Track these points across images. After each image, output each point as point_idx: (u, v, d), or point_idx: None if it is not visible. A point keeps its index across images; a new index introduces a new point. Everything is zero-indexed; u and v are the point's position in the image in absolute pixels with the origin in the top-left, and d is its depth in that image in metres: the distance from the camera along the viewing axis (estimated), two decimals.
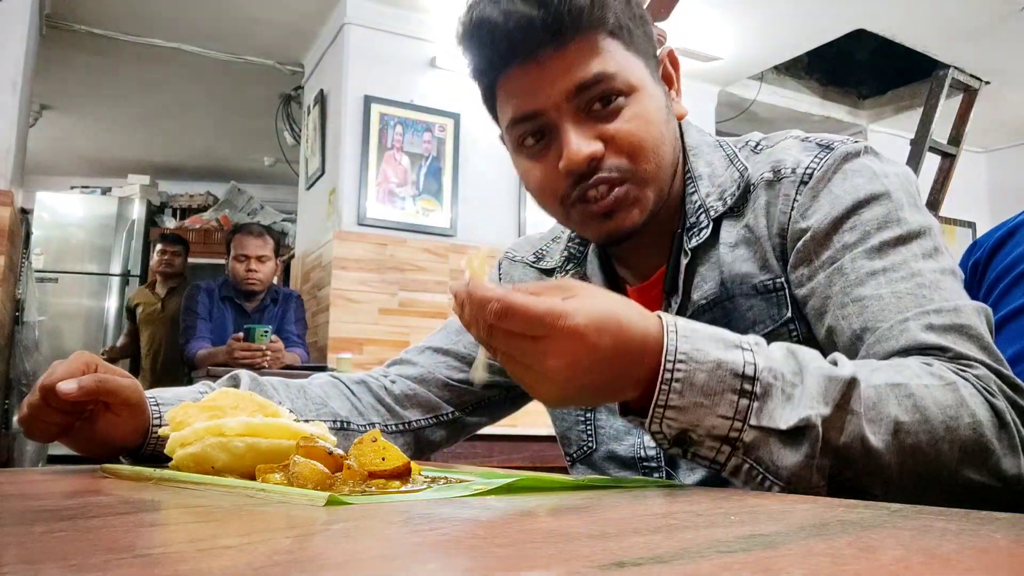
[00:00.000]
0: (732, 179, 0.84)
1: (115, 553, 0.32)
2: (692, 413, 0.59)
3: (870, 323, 0.70)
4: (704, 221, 0.84)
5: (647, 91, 0.81)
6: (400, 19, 3.83)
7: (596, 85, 0.77)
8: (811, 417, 0.58)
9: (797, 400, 0.59)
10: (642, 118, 0.79)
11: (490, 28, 0.77)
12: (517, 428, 2.53)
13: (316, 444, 0.62)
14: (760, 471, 0.60)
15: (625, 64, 0.79)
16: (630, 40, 0.81)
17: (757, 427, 0.59)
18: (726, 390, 0.59)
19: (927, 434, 0.60)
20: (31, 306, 4.44)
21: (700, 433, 0.59)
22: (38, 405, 0.78)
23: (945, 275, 0.72)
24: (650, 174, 0.81)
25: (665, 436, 0.60)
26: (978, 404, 0.62)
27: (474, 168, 3.84)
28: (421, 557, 0.32)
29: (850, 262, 0.73)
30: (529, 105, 0.79)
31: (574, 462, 0.97)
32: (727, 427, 0.59)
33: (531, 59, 0.77)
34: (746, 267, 0.81)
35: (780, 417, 0.59)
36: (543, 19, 0.75)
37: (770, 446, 0.59)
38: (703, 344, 0.60)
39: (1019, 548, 0.33)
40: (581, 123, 0.79)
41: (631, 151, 0.79)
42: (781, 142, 0.85)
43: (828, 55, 4.53)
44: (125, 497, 0.56)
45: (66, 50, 4.30)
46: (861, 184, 0.76)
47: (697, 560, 0.30)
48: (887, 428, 0.60)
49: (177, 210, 6.28)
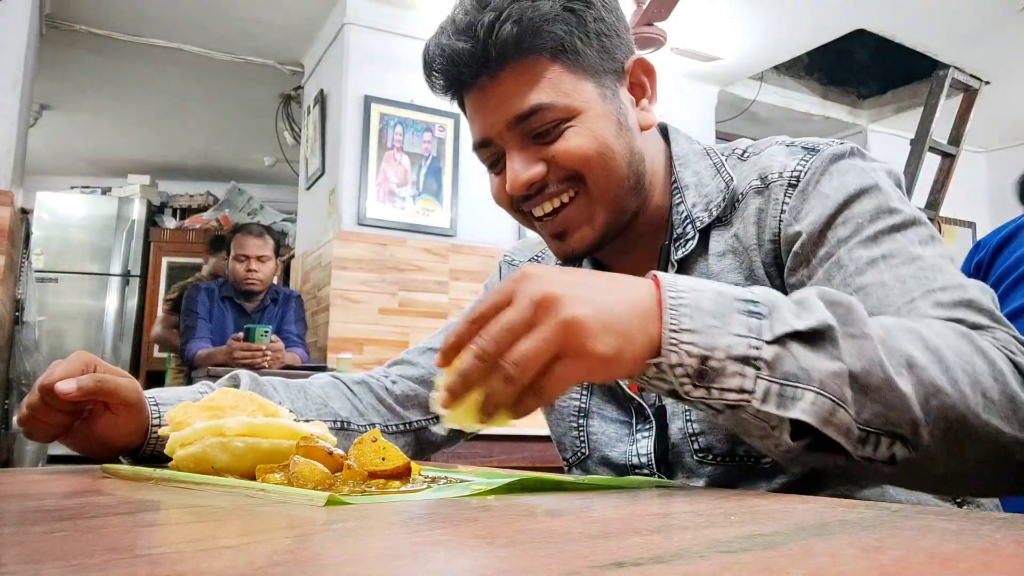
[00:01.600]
0: (718, 189, 0.84)
1: (115, 553, 0.32)
2: (707, 335, 0.55)
3: (875, 309, 0.68)
4: (690, 232, 0.84)
5: (593, 112, 0.81)
6: (400, 19, 3.83)
7: (532, 115, 0.80)
8: (827, 320, 0.56)
9: (807, 315, 0.57)
10: (585, 136, 0.80)
11: (430, 63, 0.84)
12: (517, 428, 2.53)
13: (316, 444, 0.62)
14: (790, 384, 0.55)
15: (567, 89, 0.80)
16: (576, 62, 0.81)
17: (774, 340, 0.56)
18: (734, 312, 0.56)
19: (944, 374, 0.57)
20: (31, 306, 4.44)
21: (720, 357, 0.55)
22: (37, 405, 0.78)
23: (944, 259, 0.71)
24: (598, 189, 0.82)
25: (687, 371, 0.56)
26: (997, 356, 0.60)
27: (474, 168, 3.84)
28: (421, 557, 0.32)
29: (847, 254, 0.73)
30: (480, 133, 0.85)
31: (570, 467, 0.98)
32: (745, 344, 0.55)
33: (473, 87, 0.82)
34: (732, 277, 0.81)
35: (796, 322, 0.56)
36: (471, 52, 0.80)
37: (794, 354, 0.56)
38: (699, 281, 0.59)
39: (1019, 548, 0.33)
40: (525, 148, 0.82)
41: (575, 168, 0.81)
42: (767, 149, 0.85)
43: (828, 55, 4.52)
44: (125, 497, 0.56)
45: (66, 50, 4.30)
46: (850, 180, 0.76)
47: (697, 560, 0.30)
48: (899, 361, 0.57)
49: (177, 210, 6.28)
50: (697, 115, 4.45)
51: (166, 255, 5.71)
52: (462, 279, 3.80)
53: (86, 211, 5.63)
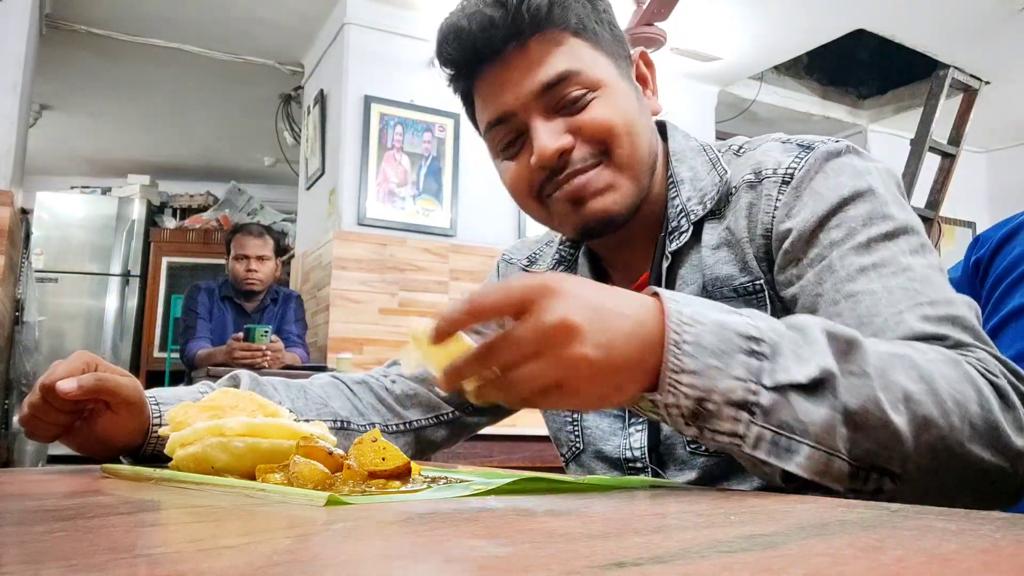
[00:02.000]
0: (713, 183, 0.84)
1: (115, 553, 0.32)
2: (706, 377, 0.55)
3: (864, 318, 0.69)
4: (684, 225, 0.84)
5: (616, 87, 0.83)
6: (400, 19, 3.83)
7: (561, 83, 0.81)
8: (829, 366, 0.56)
9: (808, 355, 0.57)
10: (612, 108, 0.82)
11: (457, 33, 0.82)
12: (517, 428, 2.53)
13: (316, 444, 0.62)
14: (784, 435, 0.56)
15: (591, 61, 0.82)
16: (596, 40, 0.84)
17: (773, 388, 0.55)
18: (735, 351, 0.56)
19: (937, 406, 0.58)
20: (31, 306, 4.44)
21: (716, 400, 0.55)
22: (38, 404, 0.78)
23: (934, 270, 0.72)
24: (623, 159, 0.82)
25: (681, 410, 0.56)
26: (983, 383, 0.61)
27: (474, 168, 3.84)
28: (421, 557, 0.32)
29: (839, 259, 0.73)
30: (500, 107, 0.83)
31: (567, 462, 0.98)
32: (743, 390, 0.55)
33: (497, 59, 0.82)
34: (727, 269, 0.81)
35: (797, 371, 0.56)
36: (503, 19, 0.80)
37: (791, 404, 0.56)
38: (703, 308, 0.58)
39: (1019, 548, 0.33)
40: (550, 119, 0.82)
41: (602, 137, 0.81)
42: (762, 145, 0.85)
43: (828, 55, 4.52)
44: (125, 497, 0.56)
45: (66, 50, 4.30)
46: (845, 181, 0.76)
47: (697, 560, 0.30)
48: (896, 396, 0.57)
49: (177, 210, 6.27)
50: (697, 115, 4.45)
51: (166, 255, 5.70)
52: (462, 279, 3.80)
53: (86, 211, 5.62)
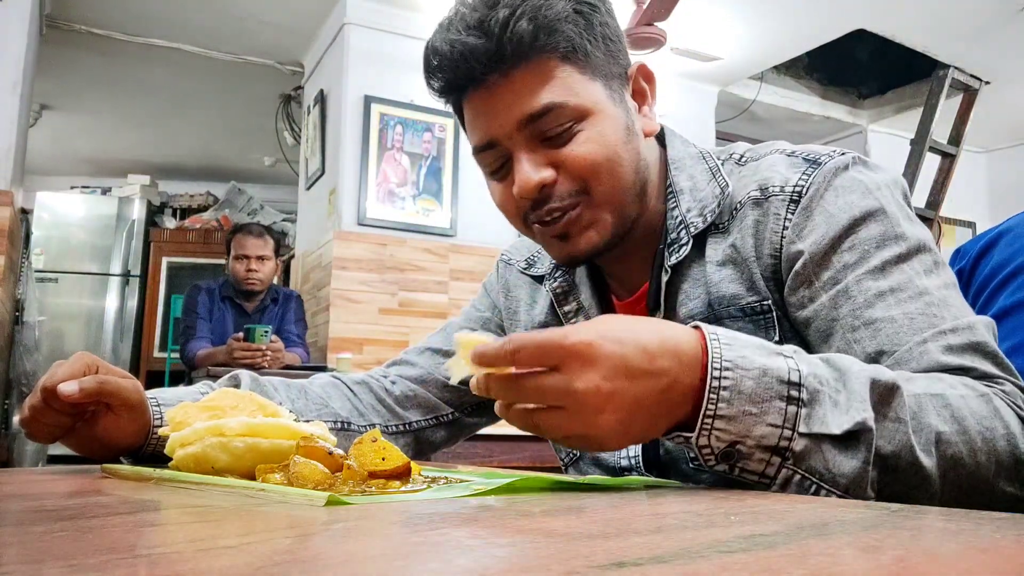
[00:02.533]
0: (713, 194, 0.83)
1: (115, 553, 0.32)
2: (741, 423, 0.57)
3: (886, 346, 0.69)
4: (684, 238, 0.83)
5: (603, 114, 0.80)
6: (400, 19, 3.83)
7: (545, 115, 0.78)
8: (866, 420, 0.57)
9: (845, 405, 0.58)
10: (596, 142, 0.79)
11: (439, 58, 0.80)
12: (517, 428, 2.52)
13: (316, 444, 0.62)
14: (814, 481, 0.57)
15: (578, 89, 0.79)
16: (586, 63, 0.80)
17: (807, 435, 0.57)
18: (774, 397, 0.57)
19: (966, 445, 0.61)
20: (31, 306, 4.45)
21: (750, 444, 0.57)
22: (39, 406, 0.78)
23: (950, 290, 0.72)
24: (605, 196, 0.80)
25: (713, 451, 0.58)
26: (1010, 416, 0.63)
27: (474, 168, 3.80)
28: (421, 557, 0.32)
29: (855, 283, 0.72)
30: (485, 135, 0.81)
31: (566, 467, 0.99)
32: (777, 436, 0.57)
33: (481, 86, 0.79)
34: (733, 288, 0.80)
35: (833, 422, 0.57)
36: (486, 47, 0.77)
37: (823, 453, 0.57)
38: (747, 351, 0.58)
39: (1019, 548, 0.33)
40: (534, 150, 0.80)
41: (584, 175, 0.79)
42: (767, 157, 0.83)
43: (828, 55, 4.52)
44: (125, 497, 0.56)
45: (66, 50, 4.30)
46: (855, 201, 0.75)
47: (697, 560, 0.30)
48: (928, 439, 0.60)
49: (177, 210, 6.27)
50: (697, 115, 4.45)
51: (166, 255, 5.70)
52: (462, 279, 3.80)
53: (86, 211, 5.62)
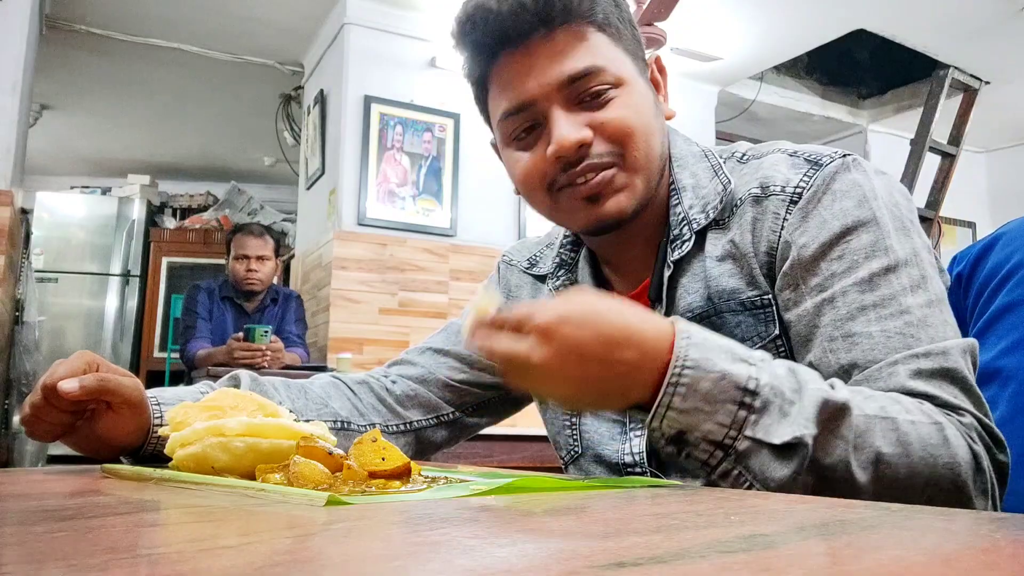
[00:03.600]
0: (715, 192, 0.84)
1: (115, 553, 0.32)
2: (692, 416, 0.62)
3: (859, 360, 0.71)
4: (687, 233, 0.84)
5: (635, 86, 0.84)
6: (400, 19, 3.83)
7: (586, 77, 0.81)
8: (804, 437, 0.61)
9: (793, 418, 0.62)
10: (631, 108, 0.82)
11: (484, 14, 0.81)
12: (517, 428, 2.53)
13: (316, 444, 0.62)
14: (748, 478, 0.63)
15: (614, 58, 0.83)
16: (619, 38, 0.84)
17: (751, 438, 0.62)
18: (727, 400, 0.62)
19: (906, 468, 0.63)
20: (31, 306, 4.45)
21: (696, 436, 0.63)
22: (40, 405, 0.78)
23: (932, 307, 0.73)
24: (640, 162, 0.82)
25: (663, 434, 0.64)
26: (960, 446, 0.65)
27: (474, 168, 3.84)
28: (421, 557, 0.32)
29: (841, 294, 0.74)
30: (521, 95, 0.82)
31: (566, 465, 0.98)
32: (723, 434, 0.62)
33: (521, 45, 0.81)
34: (733, 282, 0.81)
35: (775, 432, 0.62)
36: (534, 4, 0.79)
37: (761, 458, 0.62)
38: (713, 354, 0.63)
39: (1019, 548, 0.33)
40: (571, 111, 0.81)
41: (620, 138, 0.81)
42: (768, 155, 0.84)
43: (828, 55, 4.52)
44: (125, 497, 0.56)
45: (66, 50, 4.30)
46: (849, 208, 0.76)
47: (697, 560, 0.30)
48: (868, 457, 0.63)
49: (177, 210, 6.27)
50: (697, 115, 4.45)
51: (166, 255, 5.70)
52: (462, 279, 3.80)
53: (86, 211, 5.62)
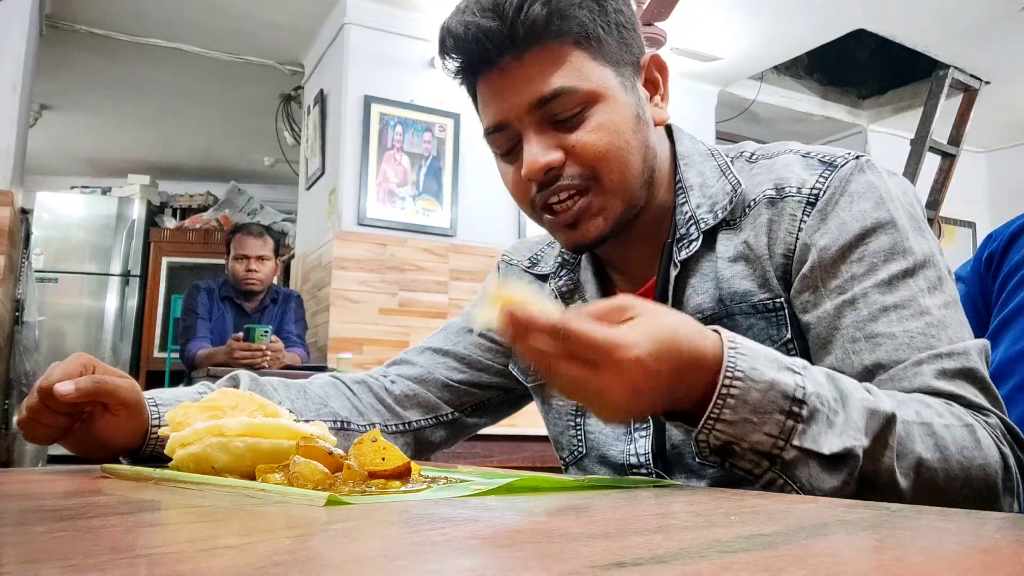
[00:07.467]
0: (724, 192, 0.84)
1: (115, 553, 0.32)
2: (740, 428, 0.61)
3: (883, 360, 0.72)
4: (694, 233, 0.83)
5: (614, 100, 0.81)
6: (400, 19, 3.83)
7: (555, 99, 0.79)
8: (854, 448, 0.62)
9: (840, 428, 0.62)
10: (606, 128, 0.80)
11: (453, 40, 0.81)
12: (517, 428, 2.53)
13: (316, 444, 0.62)
14: (794, 488, 0.62)
15: (589, 75, 0.80)
16: (598, 49, 0.81)
17: (799, 448, 0.61)
18: (775, 410, 0.61)
19: (944, 472, 0.65)
20: (31, 306, 4.45)
21: (744, 447, 0.61)
22: (36, 407, 0.78)
23: (949, 308, 0.74)
24: (614, 184, 0.81)
25: (709, 445, 0.62)
26: (990, 447, 0.66)
27: (474, 168, 3.84)
28: (421, 557, 0.32)
29: (862, 296, 0.74)
30: (496, 116, 0.83)
31: (567, 466, 0.98)
32: (770, 444, 0.61)
33: (494, 68, 0.81)
34: (745, 284, 0.81)
35: (823, 442, 0.61)
36: (499, 30, 0.78)
37: (809, 467, 0.62)
38: (759, 363, 0.62)
39: (1019, 548, 0.33)
40: (543, 133, 0.81)
41: (592, 162, 0.80)
42: (780, 156, 0.84)
43: (828, 55, 4.52)
44: (125, 497, 0.56)
45: (66, 50, 4.29)
46: (868, 210, 0.77)
47: (697, 560, 0.30)
48: (910, 464, 0.64)
49: (177, 210, 6.27)
50: (697, 115, 4.45)
51: (166, 255, 5.70)
52: (462, 279, 3.80)
53: (86, 211, 5.62)
